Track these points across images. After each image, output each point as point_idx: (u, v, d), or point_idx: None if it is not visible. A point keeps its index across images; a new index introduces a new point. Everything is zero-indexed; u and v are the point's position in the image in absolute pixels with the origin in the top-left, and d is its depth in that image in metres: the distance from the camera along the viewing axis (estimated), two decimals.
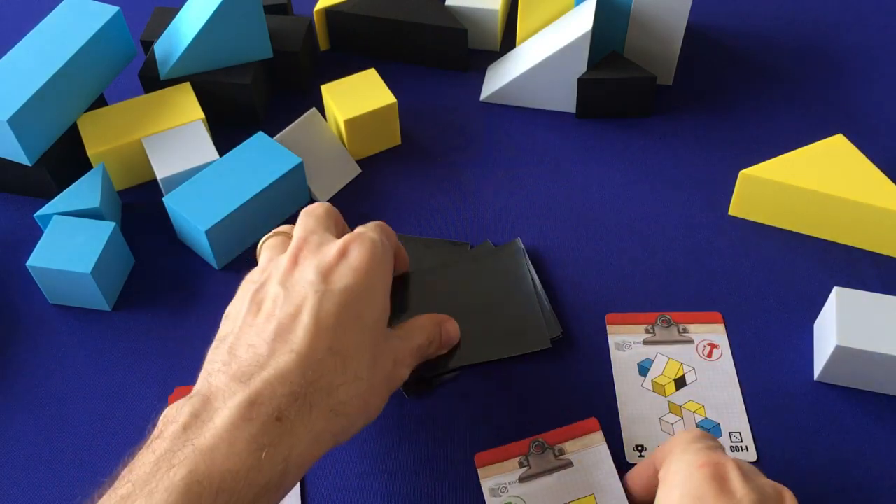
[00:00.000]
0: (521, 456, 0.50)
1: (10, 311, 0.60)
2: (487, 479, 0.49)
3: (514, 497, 0.48)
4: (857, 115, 0.71)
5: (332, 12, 0.75)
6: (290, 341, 0.41)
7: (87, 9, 0.66)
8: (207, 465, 0.36)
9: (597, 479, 0.49)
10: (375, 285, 0.45)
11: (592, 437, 0.50)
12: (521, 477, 0.49)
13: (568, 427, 0.51)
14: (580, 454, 0.50)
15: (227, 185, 0.60)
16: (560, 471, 0.49)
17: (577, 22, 0.67)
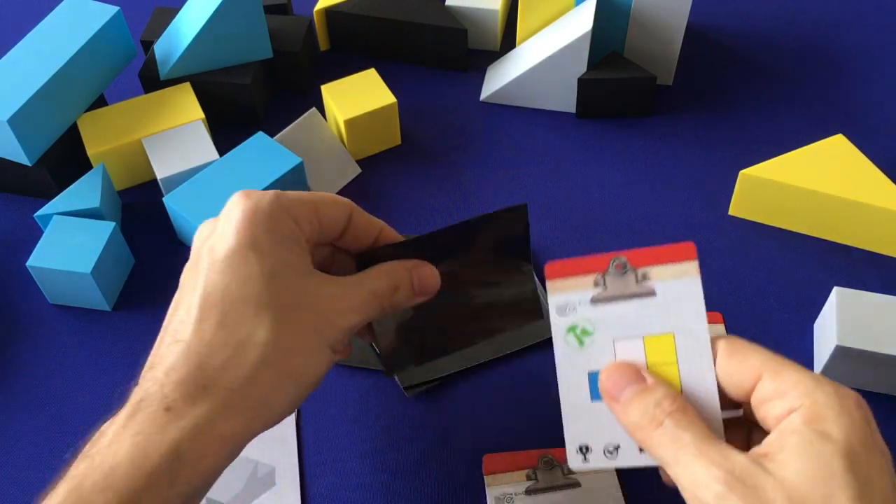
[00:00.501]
0: (530, 469, 0.50)
1: (10, 311, 0.60)
2: (493, 488, 0.49)
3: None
4: (857, 115, 0.71)
5: (332, 12, 0.75)
6: (177, 330, 0.38)
7: (87, 9, 0.66)
8: (89, 470, 0.35)
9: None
10: (260, 236, 0.39)
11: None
12: (527, 489, 0.49)
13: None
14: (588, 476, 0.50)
15: (228, 184, 0.60)
16: (568, 489, 0.49)
17: (577, 22, 0.67)
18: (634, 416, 0.37)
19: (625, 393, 0.37)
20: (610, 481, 0.49)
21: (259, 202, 0.40)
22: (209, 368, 0.36)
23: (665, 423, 0.36)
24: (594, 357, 0.39)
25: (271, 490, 0.50)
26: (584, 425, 0.39)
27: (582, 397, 0.39)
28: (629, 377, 0.38)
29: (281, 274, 0.39)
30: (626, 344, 0.39)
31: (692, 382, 0.38)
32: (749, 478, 0.33)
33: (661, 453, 0.35)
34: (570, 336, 0.40)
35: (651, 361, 0.39)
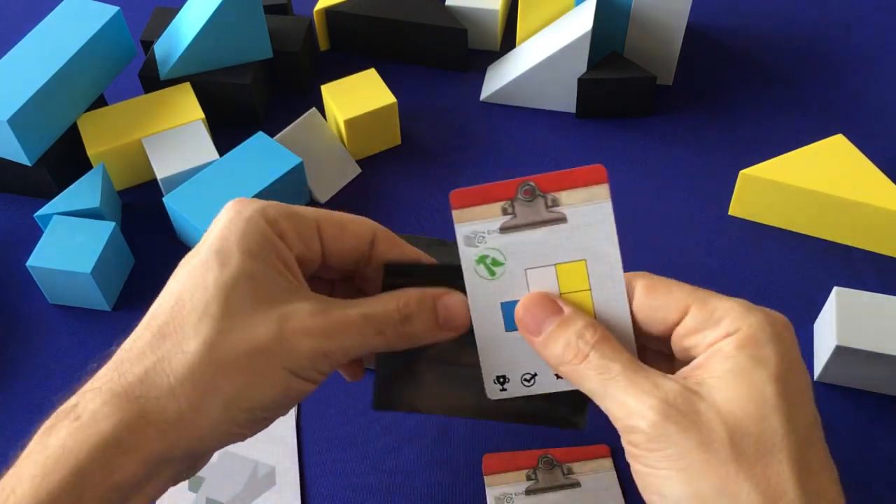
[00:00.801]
0: (530, 469, 0.50)
1: (10, 311, 0.60)
2: (493, 488, 0.49)
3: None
4: (857, 114, 0.71)
5: (332, 12, 0.75)
6: (126, 339, 0.36)
7: (87, 9, 0.66)
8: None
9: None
10: (229, 245, 0.36)
11: (602, 463, 0.50)
12: (527, 489, 0.49)
13: (579, 448, 0.51)
14: (589, 476, 0.50)
15: (228, 185, 0.60)
16: (567, 489, 0.49)
17: (577, 22, 0.67)
18: (556, 349, 0.36)
19: (544, 326, 0.36)
20: (610, 481, 0.49)
21: (241, 211, 0.37)
22: (129, 376, 0.34)
23: (590, 355, 0.35)
24: (506, 287, 0.38)
25: (271, 490, 0.50)
26: (500, 356, 0.38)
27: (496, 328, 0.38)
28: (546, 309, 0.37)
29: (240, 284, 0.35)
30: (539, 272, 0.38)
31: (606, 309, 0.38)
32: (683, 404, 0.33)
33: (590, 386, 0.35)
34: (481, 267, 0.38)
35: (564, 289, 0.38)
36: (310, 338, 0.35)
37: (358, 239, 0.39)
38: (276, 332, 0.34)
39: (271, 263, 0.36)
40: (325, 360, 0.36)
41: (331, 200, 0.66)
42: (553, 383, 0.38)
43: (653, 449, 0.33)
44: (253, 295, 0.35)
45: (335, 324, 0.36)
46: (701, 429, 0.32)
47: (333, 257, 0.39)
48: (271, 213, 0.37)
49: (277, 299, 0.35)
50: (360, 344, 0.37)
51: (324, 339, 0.35)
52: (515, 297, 0.38)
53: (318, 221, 0.39)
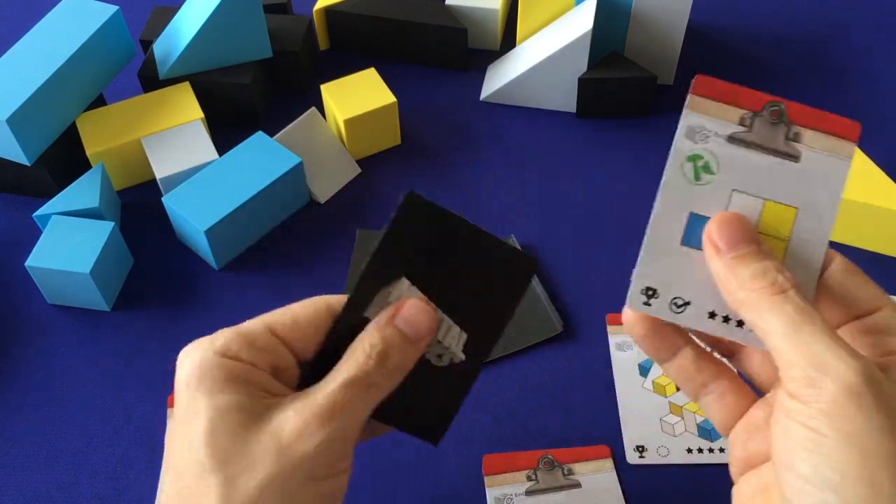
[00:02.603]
0: (530, 469, 0.50)
1: (9, 312, 0.59)
2: (493, 488, 0.49)
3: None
4: (857, 114, 0.70)
5: (331, 12, 0.75)
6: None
7: (87, 8, 0.66)
8: None
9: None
10: (195, 393, 0.34)
11: (602, 463, 0.50)
12: (527, 490, 0.49)
13: (579, 449, 0.51)
14: (589, 477, 0.50)
15: (227, 185, 0.60)
16: (568, 490, 0.49)
17: (578, 21, 0.67)
18: (746, 273, 0.32)
19: (739, 247, 0.33)
20: (611, 482, 0.49)
21: (191, 355, 0.35)
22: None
23: (790, 293, 0.32)
24: (704, 199, 0.35)
25: None
26: (662, 267, 0.35)
27: (672, 236, 0.35)
28: (747, 234, 0.33)
29: (220, 428, 0.33)
30: (745, 199, 0.35)
31: (795, 267, 0.34)
32: (880, 383, 0.30)
33: (776, 322, 0.31)
34: (689, 165, 0.35)
35: (762, 228, 0.34)
36: (310, 437, 0.33)
37: (311, 321, 0.37)
38: (275, 455, 0.33)
39: (239, 391, 0.34)
40: (337, 446, 0.34)
41: (330, 200, 0.66)
42: (703, 321, 0.35)
43: (835, 414, 0.29)
44: (235, 430, 0.33)
45: (326, 408, 0.34)
46: (889, 413, 0.29)
47: (302, 350, 0.37)
48: (219, 342, 0.36)
49: (261, 421, 0.34)
50: (358, 410, 0.35)
51: (323, 429, 0.34)
52: (710, 212, 0.35)
53: (268, 326, 0.37)
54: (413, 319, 0.36)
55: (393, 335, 0.36)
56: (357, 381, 0.35)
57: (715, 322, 0.35)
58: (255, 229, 0.62)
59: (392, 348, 0.36)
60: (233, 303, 0.60)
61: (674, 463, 0.50)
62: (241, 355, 0.35)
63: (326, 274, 0.61)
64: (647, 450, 0.51)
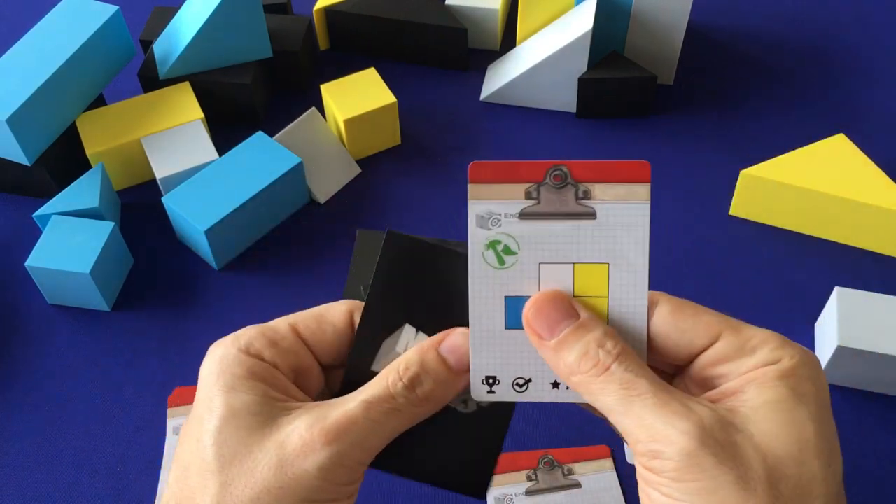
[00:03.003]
0: (530, 469, 0.50)
1: (9, 312, 0.59)
2: (493, 488, 0.49)
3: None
4: (858, 114, 0.71)
5: (331, 12, 0.75)
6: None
7: (87, 8, 0.66)
8: None
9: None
10: (212, 389, 0.34)
11: (602, 463, 0.50)
12: (528, 490, 0.49)
13: (579, 449, 0.51)
14: (589, 477, 0.50)
15: (227, 185, 0.60)
16: (568, 490, 0.49)
17: (578, 21, 0.67)
18: (570, 357, 0.32)
19: (557, 329, 0.32)
20: (611, 482, 0.49)
21: (215, 351, 0.35)
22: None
23: (613, 367, 0.31)
24: (515, 280, 0.34)
25: None
26: (494, 355, 0.34)
27: (495, 323, 0.34)
28: (561, 310, 0.33)
29: (228, 426, 0.32)
30: (554, 269, 0.34)
31: (622, 322, 0.34)
32: (720, 432, 0.29)
33: (607, 400, 0.31)
34: (490, 253, 0.34)
35: (579, 292, 0.34)
36: (313, 454, 0.31)
37: (336, 325, 0.36)
38: (276, 465, 0.31)
39: (256, 391, 0.33)
40: (342, 469, 0.32)
41: (330, 200, 0.66)
42: (548, 393, 0.35)
43: (682, 479, 0.29)
44: (244, 433, 0.32)
45: (335, 425, 0.32)
46: (739, 463, 0.29)
47: (325, 353, 0.36)
48: (244, 339, 0.35)
49: (272, 427, 0.32)
50: (374, 433, 0.33)
51: (328, 448, 0.31)
52: (523, 292, 0.34)
53: (292, 326, 0.36)
54: (458, 348, 0.34)
55: (433, 360, 0.34)
56: (378, 402, 0.33)
57: (559, 391, 0.35)
58: (255, 229, 0.62)
59: (427, 375, 0.33)
60: (233, 303, 0.60)
61: None
62: (264, 354, 0.34)
63: (326, 274, 0.61)
64: None
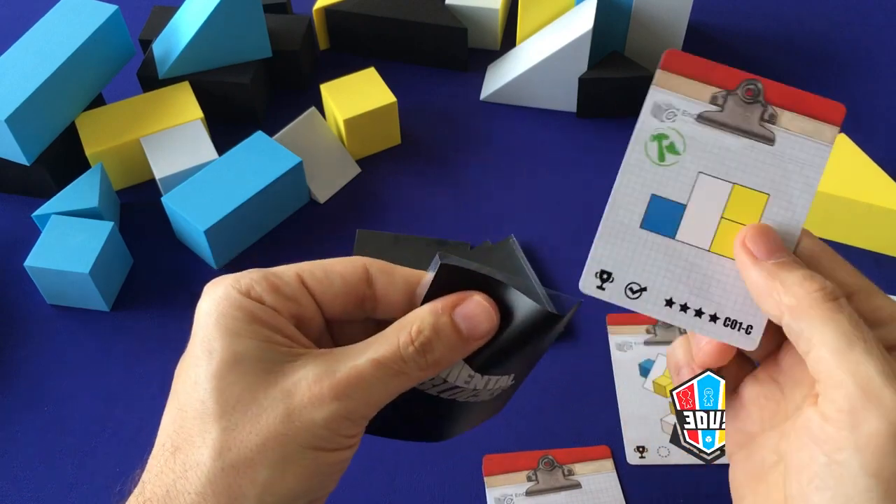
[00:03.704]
0: (530, 470, 0.50)
1: (8, 312, 0.59)
2: (493, 489, 0.49)
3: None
4: (858, 114, 0.71)
5: (331, 11, 0.75)
6: (149, 460, 0.34)
7: (86, 7, 0.66)
8: None
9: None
10: (211, 331, 0.33)
11: (603, 464, 0.50)
12: (528, 490, 0.49)
13: (580, 449, 0.51)
14: (589, 477, 0.50)
15: (226, 184, 0.60)
16: (569, 490, 0.49)
17: (578, 21, 0.67)
18: (792, 278, 0.30)
19: (777, 255, 0.31)
20: (611, 482, 0.49)
21: (214, 290, 0.34)
22: (154, 500, 0.32)
23: (842, 302, 0.29)
24: (668, 181, 0.33)
25: None
26: (619, 250, 0.33)
27: (632, 218, 0.33)
28: (778, 243, 0.31)
29: (230, 371, 0.32)
30: (711, 183, 0.32)
31: None
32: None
33: (830, 334, 0.29)
34: (654, 145, 0.33)
35: (727, 214, 0.32)
36: (321, 406, 0.31)
37: (346, 278, 0.35)
38: (283, 414, 0.31)
39: (259, 336, 0.33)
40: (347, 422, 0.32)
41: (330, 200, 0.65)
42: (660, 308, 0.33)
43: (870, 454, 0.27)
44: (248, 379, 0.32)
45: (345, 381, 0.32)
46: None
47: (329, 305, 0.35)
48: (245, 282, 0.34)
49: (276, 374, 0.32)
50: (381, 391, 0.33)
51: (336, 402, 0.31)
52: (673, 195, 0.33)
53: (299, 274, 0.35)
54: (473, 316, 0.33)
55: (446, 326, 0.33)
56: (388, 363, 0.32)
57: (672, 310, 0.33)
58: (254, 229, 0.62)
59: (439, 341, 0.33)
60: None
61: (674, 463, 0.50)
62: (265, 298, 0.34)
63: None
64: (648, 450, 0.51)
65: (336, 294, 0.35)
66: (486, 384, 0.35)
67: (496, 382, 0.36)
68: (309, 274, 0.35)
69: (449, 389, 0.36)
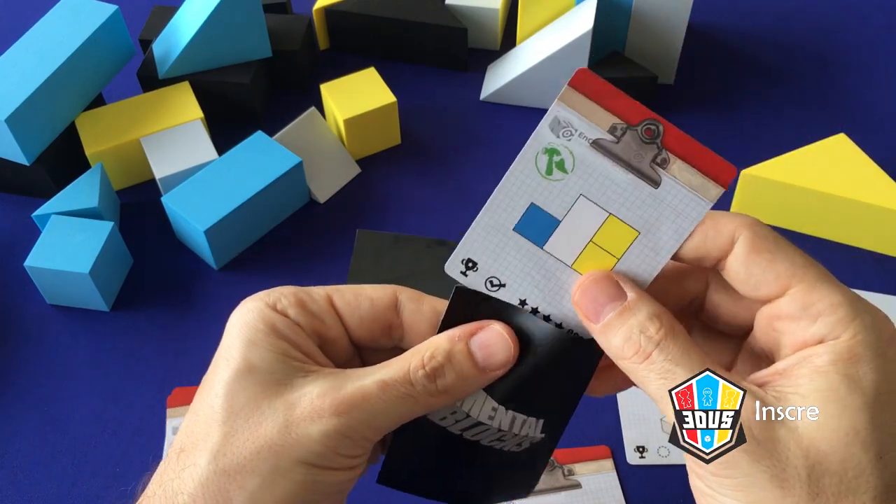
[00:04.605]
0: None
1: (8, 312, 0.59)
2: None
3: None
4: (858, 113, 0.70)
5: (331, 11, 0.75)
6: (162, 461, 0.35)
7: (86, 7, 0.66)
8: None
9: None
10: (233, 340, 0.34)
11: (603, 464, 0.50)
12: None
13: (580, 449, 0.51)
14: (589, 477, 0.49)
15: (226, 184, 0.60)
16: (569, 490, 0.49)
17: (578, 21, 0.67)
18: (616, 342, 0.31)
19: (604, 314, 0.32)
20: (611, 483, 0.49)
21: (245, 303, 0.35)
22: (154, 498, 0.32)
23: (653, 356, 0.30)
24: (550, 195, 0.34)
25: None
26: (489, 245, 0.34)
27: (507, 218, 0.35)
28: (608, 293, 0.32)
29: (243, 378, 0.32)
30: (589, 207, 0.33)
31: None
32: (759, 428, 0.28)
33: (650, 390, 0.31)
34: (544, 158, 0.34)
35: (597, 240, 0.33)
36: (319, 420, 0.31)
37: (374, 302, 0.35)
38: (281, 424, 0.31)
39: (275, 348, 0.33)
40: (347, 440, 0.32)
41: (330, 200, 0.65)
42: (513, 297, 0.34)
43: (718, 474, 0.29)
44: (256, 388, 0.32)
45: (348, 398, 0.31)
46: (777, 460, 0.28)
47: (356, 328, 0.35)
48: (274, 295, 0.35)
49: (285, 386, 0.32)
50: (385, 414, 0.32)
51: (336, 418, 0.31)
52: (551, 209, 0.34)
53: (328, 294, 0.35)
54: (489, 345, 0.33)
55: (460, 353, 0.33)
56: (395, 385, 0.32)
57: (523, 310, 0.34)
58: (254, 229, 0.62)
59: (451, 367, 0.33)
60: (232, 303, 0.59)
61: (674, 463, 0.50)
62: (289, 312, 0.34)
63: (326, 274, 0.61)
64: (648, 450, 0.51)
65: (363, 317, 0.35)
66: (511, 424, 0.35)
67: (523, 425, 0.35)
68: (338, 295, 0.35)
69: (472, 427, 0.35)
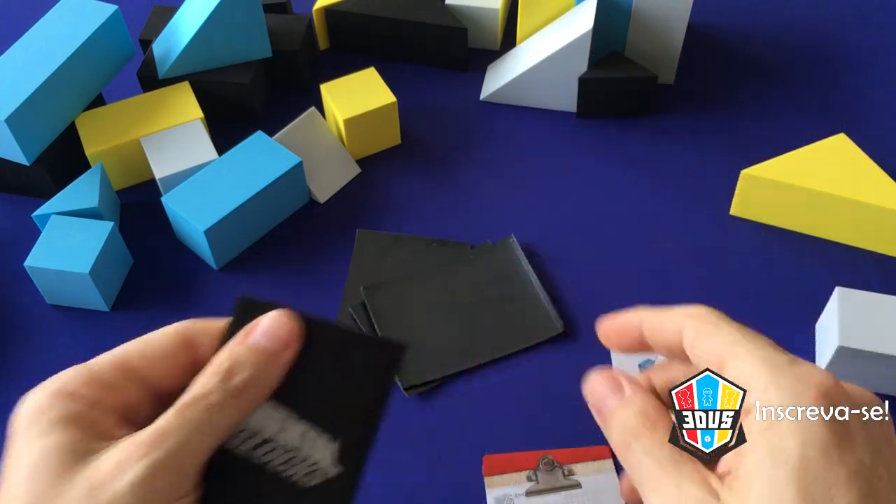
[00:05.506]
0: (530, 470, 0.50)
1: (8, 312, 0.59)
2: (494, 489, 0.49)
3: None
4: (858, 114, 0.70)
5: (331, 11, 0.75)
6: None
7: (86, 7, 0.66)
8: None
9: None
10: (19, 439, 0.32)
11: (603, 464, 0.50)
12: (528, 491, 0.49)
13: (580, 449, 0.51)
14: (589, 477, 0.49)
15: (226, 184, 0.60)
16: (568, 490, 0.49)
17: (578, 21, 0.67)
18: (614, 435, 0.33)
19: (606, 407, 0.35)
20: (611, 483, 0.49)
21: (26, 402, 0.33)
22: None
23: (632, 446, 0.32)
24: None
25: None
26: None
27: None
28: (609, 386, 0.35)
29: (40, 469, 0.30)
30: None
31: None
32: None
33: (633, 477, 0.32)
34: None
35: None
36: (126, 472, 0.29)
37: (164, 351, 0.34)
38: (86, 493, 0.29)
39: (70, 430, 0.31)
40: (167, 474, 0.30)
41: (330, 200, 0.65)
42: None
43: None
44: (55, 471, 0.30)
45: (148, 440, 0.30)
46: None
47: (160, 381, 0.33)
48: (58, 382, 0.33)
49: (84, 463, 0.30)
50: (194, 436, 0.31)
51: (144, 459, 0.29)
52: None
53: (117, 360, 0.33)
54: (269, 327, 0.33)
55: (244, 350, 0.33)
56: (194, 402, 0.31)
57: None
58: (254, 229, 0.62)
59: (242, 364, 0.32)
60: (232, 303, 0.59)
61: None
62: (83, 392, 0.32)
63: (326, 274, 0.61)
64: None
65: (158, 367, 0.34)
66: (302, 439, 0.33)
67: (314, 444, 0.34)
68: (130, 355, 0.34)
69: (261, 445, 0.33)
